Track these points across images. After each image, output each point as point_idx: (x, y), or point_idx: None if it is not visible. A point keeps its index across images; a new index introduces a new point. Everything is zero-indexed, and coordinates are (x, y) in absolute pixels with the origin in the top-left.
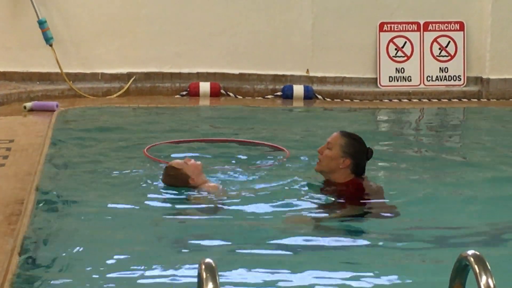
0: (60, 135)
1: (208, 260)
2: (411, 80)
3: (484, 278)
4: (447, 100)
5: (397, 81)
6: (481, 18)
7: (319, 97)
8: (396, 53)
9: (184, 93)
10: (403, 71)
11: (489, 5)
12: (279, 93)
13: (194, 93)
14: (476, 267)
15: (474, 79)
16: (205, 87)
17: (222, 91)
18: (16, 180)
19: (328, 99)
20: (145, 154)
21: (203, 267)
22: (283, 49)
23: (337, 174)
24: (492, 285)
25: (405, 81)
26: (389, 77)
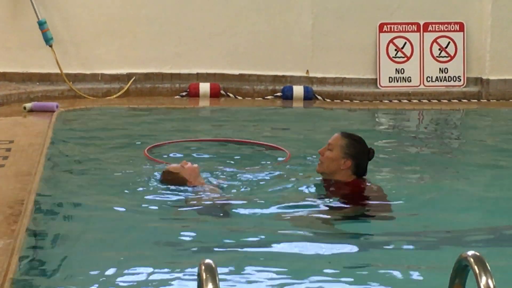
0: (60, 136)
1: (208, 260)
2: (411, 80)
3: (484, 278)
4: (447, 100)
5: (397, 81)
6: (481, 18)
7: (319, 97)
8: (396, 54)
9: (184, 93)
10: (403, 72)
11: (489, 6)
12: (279, 94)
13: (194, 93)
14: (476, 267)
15: (474, 79)
16: (205, 87)
17: (222, 92)
18: (16, 180)
19: (328, 100)
20: (146, 154)
21: (203, 267)
22: (283, 49)
23: (339, 175)
24: (492, 286)
25: (405, 81)
26: (389, 77)
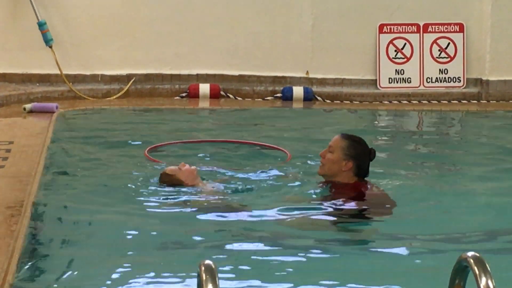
0: (59, 137)
1: (208, 261)
2: (410, 81)
3: (484, 279)
4: (446, 101)
5: (397, 82)
6: (480, 19)
7: (319, 98)
8: (395, 55)
9: (183, 94)
10: (402, 73)
11: (489, 6)
12: (278, 95)
13: (193, 94)
14: (475, 268)
15: (474, 80)
16: (204, 88)
17: (221, 93)
18: (15, 181)
19: (327, 101)
20: (146, 155)
21: (203, 268)
22: (282, 50)
23: (340, 177)
24: (491, 287)
25: (405, 82)
26: (389, 78)
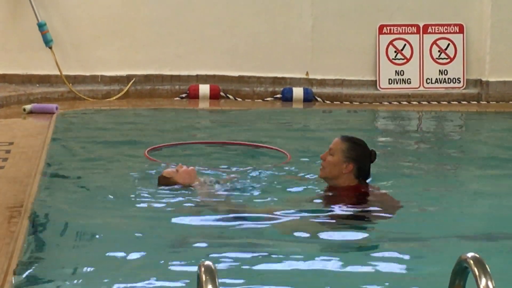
0: (59, 138)
1: (207, 262)
2: (410, 82)
3: (483, 280)
4: (446, 102)
5: (397, 83)
6: (480, 20)
7: (319, 99)
8: (395, 56)
9: (183, 95)
10: (402, 74)
11: (489, 7)
12: (278, 96)
13: (193, 95)
14: (475, 269)
15: (473, 81)
16: (204, 89)
17: (221, 94)
18: (15, 182)
19: (327, 102)
20: (146, 156)
21: (202, 269)
22: (282, 51)
23: (341, 179)
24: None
25: (405, 83)
26: (389, 79)
